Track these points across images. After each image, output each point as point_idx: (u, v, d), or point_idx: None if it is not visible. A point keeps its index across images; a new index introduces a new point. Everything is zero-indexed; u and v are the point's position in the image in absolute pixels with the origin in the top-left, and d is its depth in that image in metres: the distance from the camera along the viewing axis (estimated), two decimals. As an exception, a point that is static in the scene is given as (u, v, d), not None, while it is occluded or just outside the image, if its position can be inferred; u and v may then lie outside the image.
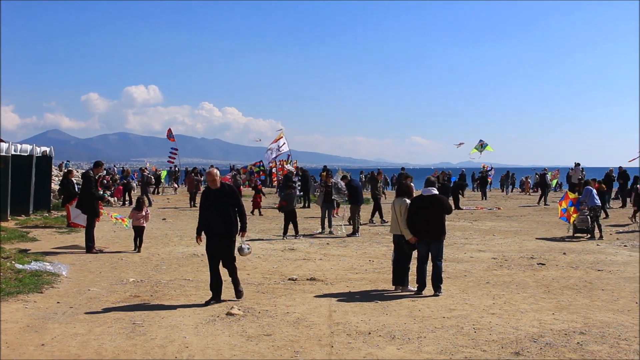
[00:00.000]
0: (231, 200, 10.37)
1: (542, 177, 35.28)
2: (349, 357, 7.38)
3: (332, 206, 20.91)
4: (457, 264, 14.13)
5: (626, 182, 32.71)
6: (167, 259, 14.55)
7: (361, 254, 15.86)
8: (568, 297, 10.73)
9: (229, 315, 9.23)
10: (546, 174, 38.55)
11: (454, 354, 7.49)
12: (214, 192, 10.35)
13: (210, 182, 10.42)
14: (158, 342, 7.87)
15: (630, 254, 15.96)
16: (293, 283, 11.89)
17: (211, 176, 10.45)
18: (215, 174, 10.56)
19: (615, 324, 8.93)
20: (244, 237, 10.75)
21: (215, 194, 10.32)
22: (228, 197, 10.35)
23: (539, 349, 7.71)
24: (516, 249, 16.79)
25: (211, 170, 10.91)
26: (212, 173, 10.55)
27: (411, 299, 10.52)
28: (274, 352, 7.54)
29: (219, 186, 10.38)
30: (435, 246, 10.92)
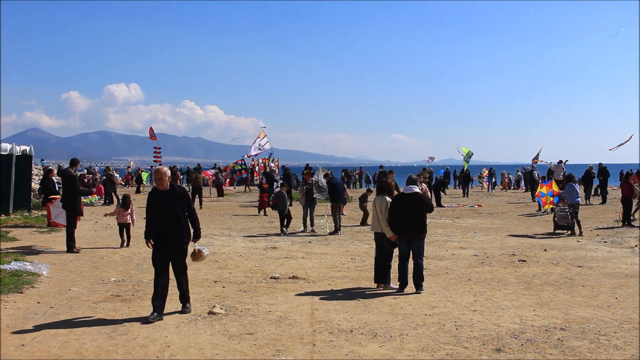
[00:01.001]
0: (182, 203, 9.25)
1: (530, 173, 35.41)
2: (331, 355, 7.38)
3: (314, 204, 20.90)
4: (439, 262, 14.18)
5: (606, 178, 32.90)
6: (149, 258, 14.37)
7: (343, 252, 15.88)
8: (549, 294, 10.80)
9: (211, 314, 9.20)
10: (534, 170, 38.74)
11: (436, 351, 7.51)
12: (162, 194, 9.22)
13: (157, 182, 9.28)
14: (139, 342, 7.84)
15: (610, 250, 16.09)
16: (275, 281, 11.88)
17: (159, 175, 9.23)
18: (164, 173, 9.30)
19: (596, 319, 9.00)
20: (196, 242, 9.77)
21: (163, 196, 9.20)
22: (179, 199, 9.23)
23: (520, 345, 7.76)
24: (497, 246, 16.87)
25: (159, 169, 9.44)
26: (161, 172, 9.29)
27: (393, 297, 10.54)
28: (256, 350, 7.52)
29: (168, 187, 9.26)
30: (416, 244, 10.94)
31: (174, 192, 9.29)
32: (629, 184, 22.39)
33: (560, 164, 35.64)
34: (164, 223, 9.15)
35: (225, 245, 16.95)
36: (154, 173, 9.21)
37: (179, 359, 7.22)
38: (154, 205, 9.27)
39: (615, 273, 12.77)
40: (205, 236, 18.51)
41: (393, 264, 11.41)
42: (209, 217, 25.32)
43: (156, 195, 9.29)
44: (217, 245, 16.88)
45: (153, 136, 46.09)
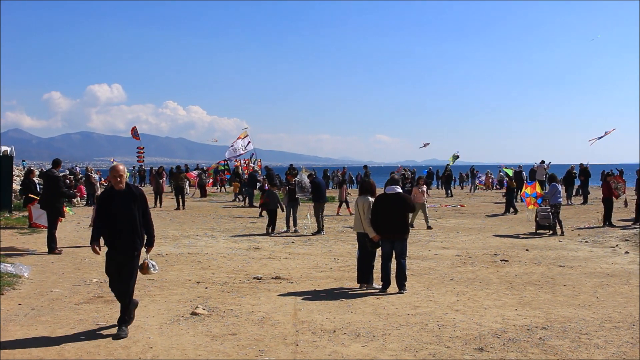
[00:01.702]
0: (138, 206, 8.42)
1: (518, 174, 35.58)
2: (314, 355, 7.38)
3: (297, 204, 20.90)
4: (422, 262, 14.22)
5: (587, 179, 33.12)
6: (131, 259, 14.41)
7: (326, 252, 15.88)
8: (530, 293, 10.86)
9: (194, 315, 9.18)
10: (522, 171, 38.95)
11: (419, 351, 7.53)
12: (118, 195, 8.33)
13: (113, 180, 8.35)
14: (122, 343, 7.80)
15: (591, 249, 16.20)
16: (258, 282, 11.86)
17: (116, 172, 8.31)
18: (122, 170, 8.44)
19: (577, 318, 9.06)
20: (150, 252, 8.91)
21: (119, 197, 8.31)
22: (135, 201, 8.39)
23: (502, 344, 7.80)
24: (480, 246, 16.94)
25: (116, 166, 8.48)
26: (118, 169, 8.37)
27: (376, 297, 10.56)
28: (238, 351, 7.51)
29: (124, 187, 8.38)
30: (399, 244, 10.97)
31: (131, 193, 8.40)
32: (609, 184, 22.57)
33: (542, 165, 35.85)
34: (117, 227, 8.26)
35: (208, 245, 16.91)
36: (110, 170, 8.39)
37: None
38: (107, 207, 8.32)
39: (596, 272, 12.86)
40: (188, 237, 18.52)
41: (376, 264, 11.43)
42: (192, 217, 25.28)
43: (110, 196, 8.37)
44: (200, 245, 16.85)
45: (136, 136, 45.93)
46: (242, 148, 39.37)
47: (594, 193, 34.42)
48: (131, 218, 8.33)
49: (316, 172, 24.50)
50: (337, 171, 51.12)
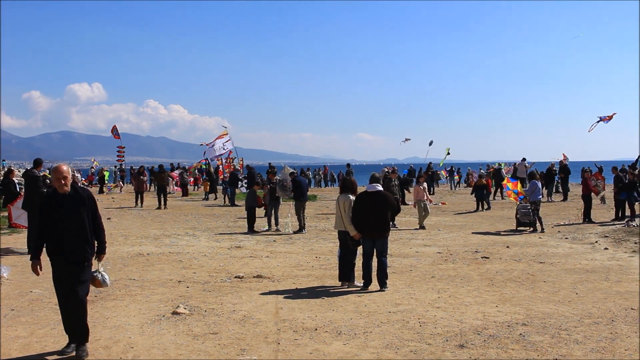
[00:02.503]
0: (87, 209, 7.49)
1: (497, 172, 35.74)
2: (295, 353, 7.39)
3: (278, 203, 20.89)
4: (403, 259, 14.26)
5: (567, 176, 33.31)
6: (112, 259, 14.33)
7: (308, 250, 15.89)
8: (511, 290, 10.92)
9: (175, 314, 9.15)
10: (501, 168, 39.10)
11: (400, 348, 7.56)
12: (62, 198, 7.37)
13: (56, 182, 7.36)
14: (102, 343, 7.77)
15: (571, 246, 16.30)
16: (239, 281, 11.84)
17: (59, 174, 7.33)
18: (66, 171, 7.43)
19: (557, 314, 9.12)
20: (102, 260, 7.94)
21: (65, 202, 7.35)
22: (83, 204, 7.46)
23: (483, 341, 7.84)
24: (461, 243, 17.01)
25: (59, 167, 7.46)
26: (61, 170, 7.38)
27: (357, 295, 10.58)
28: (220, 350, 7.51)
29: (70, 190, 7.41)
30: (380, 242, 11.00)
31: (77, 196, 7.45)
32: (587, 182, 22.76)
33: (524, 162, 36.04)
34: (63, 234, 7.32)
35: (190, 245, 16.87)
36: (52, 171, 7.48)
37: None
38: (50, 212, 7.36)
39: (576, 269, 12.94)
40: (169, 236, 18.46)
41: (357, 262, 11.45)
42: (173, 217, 25.22)
43: (54, 199, 7.39)
44: (181, 245, 16.81)
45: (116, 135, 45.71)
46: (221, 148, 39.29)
47: (573, 190, 34.63)
48: (80, 224, 7.39)
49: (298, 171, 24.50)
50: (318, 169, 51.17)
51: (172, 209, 29.10)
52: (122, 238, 18.23)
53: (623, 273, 12.41)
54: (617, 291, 10.75)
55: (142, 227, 21.17)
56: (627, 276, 12.09)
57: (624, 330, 8.31)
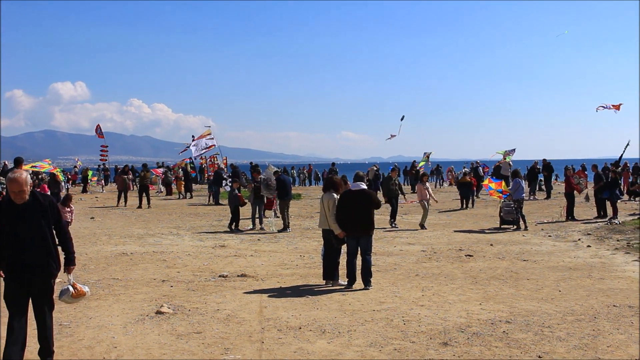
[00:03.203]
0: (48, 219, 6.78)
1: (475, 170, 35.83)
2: (279, 352, 7.38)
3: (262, 202, 20.86)
4: (387, 257, 14.28)
5: (550, 174, 33.47)
6: (95, 259, 14.28)
7: (292, 249, 15.89)
8: (495, 287, 10.96)
9: (159, 313, 9.12)
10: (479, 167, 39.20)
11: (384, 346, 7.57)
12: (21, 209, 6.61)
13: (12, 195, 6.58)
14: (86, 343, 7.74)
15: (554, 244, 16.40)
16: (224, 280, 11.82)
17: (17, 186, 6.53)
18: (24, 183, 6.57)
19: (540, 312, 9.16)
20: (71, 273, 7.22)
21: (23, 212, 6.60)
22: (45, 214, 6.75)
23: (467, 338, 7.86)
24: (445, 242, 17.06)
25: (16, 179, 6.55)
26: (18, 182, 6.53)
27: (341, 293, 10.59)
28: (204, 349, 7.49)
29: (28, 199, 6.63)
30: (364, 240, 11.01)
31: (38, 205, 6.73)
32: (570, 180, 22.88)
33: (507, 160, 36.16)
34: (24, 248, 6.63)
35: (174, 244, 16.83)
36: (7, 183, 6.61)
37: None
38: (8, 224, 6.62)
39: (559, 266, 13.01)
40: (153, 235, 18.40)
41: (341, 261, 11.45)
42: (157, 216, 25.14)
43: (12, 210, 6.63)
44: (165, 244, 16.77)
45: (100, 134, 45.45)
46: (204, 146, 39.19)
47: (556, 188, 34.80)
48: (40, 234, 6.71)
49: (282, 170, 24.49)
50: (303, 168, 51.17)
51: (156, 208, 29.00)
52: (106, 237, 18.15)
53: (605, 270, 12.49)
54: (599, 288, 10.81)
55: (126, 227, 21.08)
56: (610, 273, 12.17)
57: (606, 327, 8.36)
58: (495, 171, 35.12)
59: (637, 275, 12.01)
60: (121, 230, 19.97)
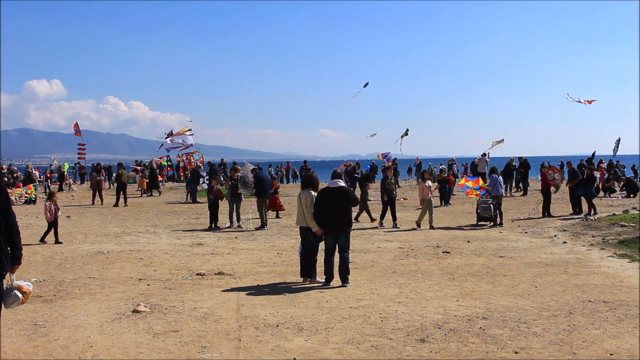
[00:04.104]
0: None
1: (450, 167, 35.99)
2: (257, 350, 7.36)
3: (240, 200, 20.80)
4: (365, 255, 14.30)
5: (527, 171, 33.68)
6: (71, 257, 14.18)
7: (270, 247, 15.86)
8: (471, 284, 11.01)
9: (135, 312, 9.07)
10: (454, 164, 39.38)
11: (361, 343, 7.57)
12: None
13: None
14: (61, 343, 7.67)
15: (530, 240, 16.51)
16: (201, 278, 11.78)
17: None
18: None
19: (516, 308, 9.22)
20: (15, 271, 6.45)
21: None
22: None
23: (444, 335, 7.89)
24: (422, 238, 17.11)
25: None
26: None
27: (319, 291, 10.59)
28: (180, 348, 7.45)
29: None
30: (342, 238, 11.01)
31: None
32: (546, 176, 23.05)
33: (484, 157, 36.34)
34: None
35: (151, 242, 16.74)
36: None
37: (101, 359, 7.09)
38: None
39: (535, 263, 13.10)
40: (130, 234, 18.30)
41: (319, 258, 11.46)
42: (134, 214, 25.00)
43: None
44: (142, 242, 16.68)
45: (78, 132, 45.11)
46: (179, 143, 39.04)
47: (533, 185, 35.01)
48: None
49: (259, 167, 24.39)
50: (281, 166, 51.12)
51: (133, 206, 28.85)
52: (82, 236, 18.02)
53: (581, 266, 12.59)
54: (575, 284, 10.90)
55: (102, 225, 20.95)
56: (585, 269, 12.27)
57: (581, 322, 8.43)
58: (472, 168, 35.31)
59: (612, 270, 12.13)
60: (97, 229, 19.84)
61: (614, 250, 14.34)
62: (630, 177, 35.77)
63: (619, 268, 12.36)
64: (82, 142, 44.98)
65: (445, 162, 47.01)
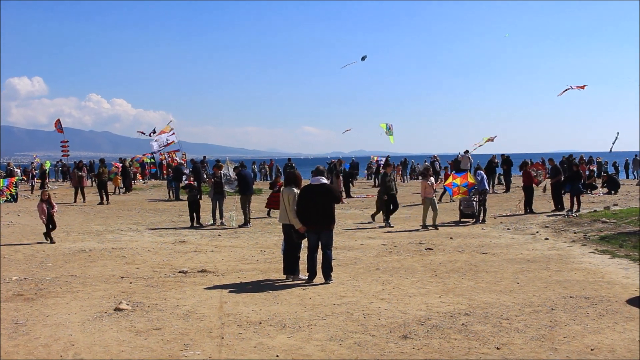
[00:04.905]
0: None
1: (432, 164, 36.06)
2: (239, 347, 7.35)
3: (223, 197, 20.76)
4: (348, 252, 14.31)
5: (509, 168, 33.79)
6: (53, 255, 14.09)
7: (253, 244, 15.84)
8: (454, 280, 11.05)
9: (117, 310, 9.03)
10: (436, 161, 39.45)
11: (344, 340, 7.58)
12: None
13: None
14: (42, 342, 7.62)
15: (512, 236, 16.59)
16: (184, 276, 11.74)
17: None
18: None
19: (498, 304, 9.26)
20: None
21: None
22: None
23: (426, 331, 7.91)
24: (405, 235, 17.16)
25: None
26: None
27: (302, 288, 10.59)
28: (163, 346, 7.42)
29: None
30: (325, 235, 11.01)
31: None
32: (528, 173, 23.16)
33: (467, 154, 36.42)
34: None
35: (133, 240, 16.67)
36: None
37: (83, 358, 7.05)
38: None
39: (517, 259, 13.16)
40: (112, 232, 18.22)
41: (302, 255, 11.45)
42: (117, 212, 24.87)
43: None
44: (125, 240, 16.60)
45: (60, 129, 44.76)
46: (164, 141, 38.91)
47: (515, 182, 35.14)
48: None
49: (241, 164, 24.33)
50: (263, 163, 51.04)
51: (115, 204, 28.71)
52: (64, 234, 17.92)
53: (563, 262, 12.66)
54: (556, 280, 10.96)
55: (85, 223, 20.85)
56: (567, 265, 12.35)
57: (563, 318, 8.48)
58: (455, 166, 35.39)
59: (593, 266, 12.22)
60: (80, 227, 19.75)
61: (595, 247, 14.43)
62: (612, 174, 35.97)
63: (600, 264, 12.44)
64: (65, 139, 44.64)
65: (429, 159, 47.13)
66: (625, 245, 14.35)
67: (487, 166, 33.19)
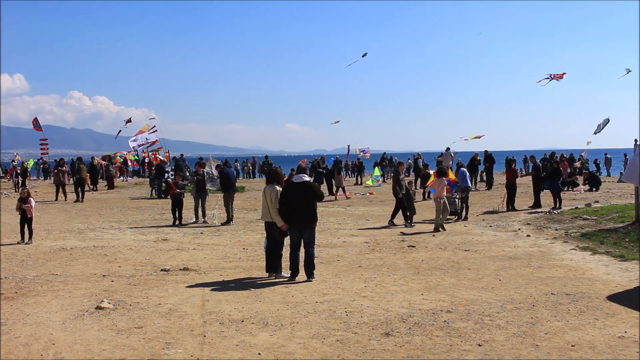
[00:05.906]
0: None
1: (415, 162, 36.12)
2: (221, 345, 7.34)
3: (205, 195, 20.71)
4: (331, 249, 14.32)
5: (492, 165, 33.92)
6: (34, 254, 13.99)
7: (235, 242, 15.81)
8: (436, 278, 11.08)
9: (99, 309, 8.98)
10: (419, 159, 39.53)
11: (326, 338, 7.58)
12: None
13: None
14: (22, 341, 7.57)
15: (494, 234, 16.65)
16: (166, 274, 11.70)
17: None
18: None
19: (480, 301, 9.30)
20: None
21: None
22: None
23: (408, 328, 7.93)
24: (388, 233, 17.18)
25: None
26: None
27: (284, 285, 10.58)
28: (144, 344, 7.39)
29: None
30: (307, 233, 11.00)
31: None
32: (513, 170, 23.25)
33: (449, 152, 36.53)
34: None
35: (115, 238, 16.58)
36: None
37: (64, 357, 7.01)
38: None
39: (499, 256, 13.22)
40: (94, 230, 18.12)
41: (284, 253, 11.44)
42: (98, 210, 24.74)
43: None
44: (106, 238, 16.51)
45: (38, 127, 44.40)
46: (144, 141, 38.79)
47: (497, 179, 35.31)
48: None
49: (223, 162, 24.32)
50: (246, 161, 50.98)
51: (97, 202, 28.57)
52: (45, 232, 17.80)
53: (544, 259, 12.73)
54: (538, 277, 11.02)
55: (66, 221, 20.72)
56: (548, 262, 12.42)
57: (544, 314, 8.52)
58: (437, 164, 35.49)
59: (574, 263, 12.29)
60: (61, 225, 19.63)
61: (577, 244, 14.52)
62: (593, 171, 36.19)
63: (581, 261, 12.52)
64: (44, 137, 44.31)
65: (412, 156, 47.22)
66: (606, 242, 14.45)
67: (470, 163, 33.28)
